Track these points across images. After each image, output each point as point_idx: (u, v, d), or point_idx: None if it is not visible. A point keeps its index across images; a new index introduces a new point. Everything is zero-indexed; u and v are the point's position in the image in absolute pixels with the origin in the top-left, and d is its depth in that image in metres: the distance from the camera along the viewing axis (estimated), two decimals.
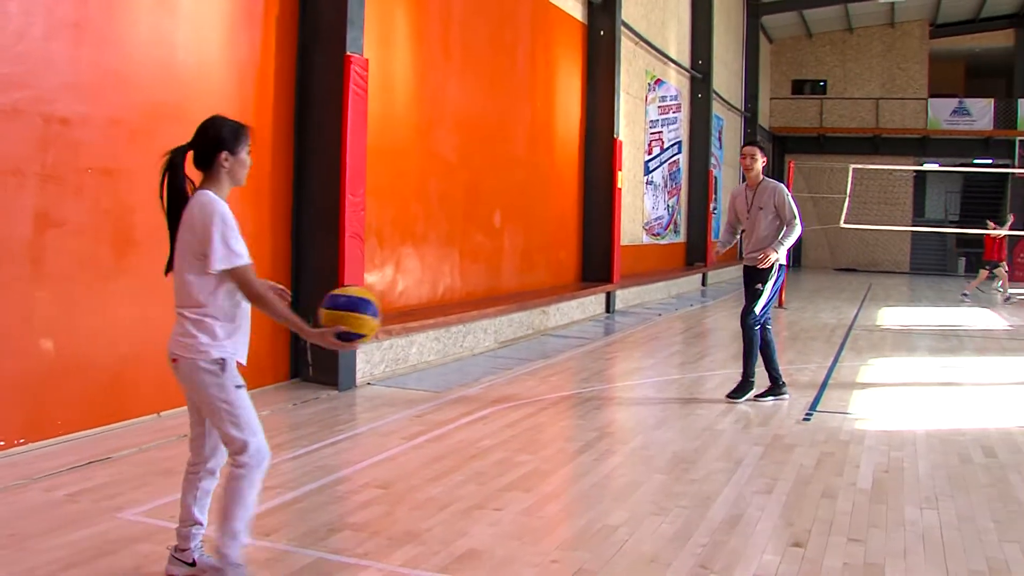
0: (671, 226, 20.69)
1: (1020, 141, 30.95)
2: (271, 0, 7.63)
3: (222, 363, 3.52)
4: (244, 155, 3.58)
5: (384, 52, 9.10)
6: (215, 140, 3.52)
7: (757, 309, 7.70)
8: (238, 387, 3.55)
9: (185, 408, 3.80)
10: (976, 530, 4.65)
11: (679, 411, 7.46)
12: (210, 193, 3.48)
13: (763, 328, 7.80)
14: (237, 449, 3.54)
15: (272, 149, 7.66)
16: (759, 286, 7.67)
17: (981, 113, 31.51)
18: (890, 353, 11.30)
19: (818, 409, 7.62)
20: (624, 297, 15.94)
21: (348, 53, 7.75)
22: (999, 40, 32.91)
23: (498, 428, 6.64)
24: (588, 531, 4.50)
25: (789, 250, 7.83)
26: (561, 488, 5.34)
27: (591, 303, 14.24)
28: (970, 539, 4.51)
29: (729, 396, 7.82)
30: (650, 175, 18.88)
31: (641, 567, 4.04)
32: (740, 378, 7.89)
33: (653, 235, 19.32)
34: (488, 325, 10.62)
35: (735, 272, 25.02)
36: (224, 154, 3.52)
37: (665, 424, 6.98)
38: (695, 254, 22.14)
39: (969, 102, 32.07)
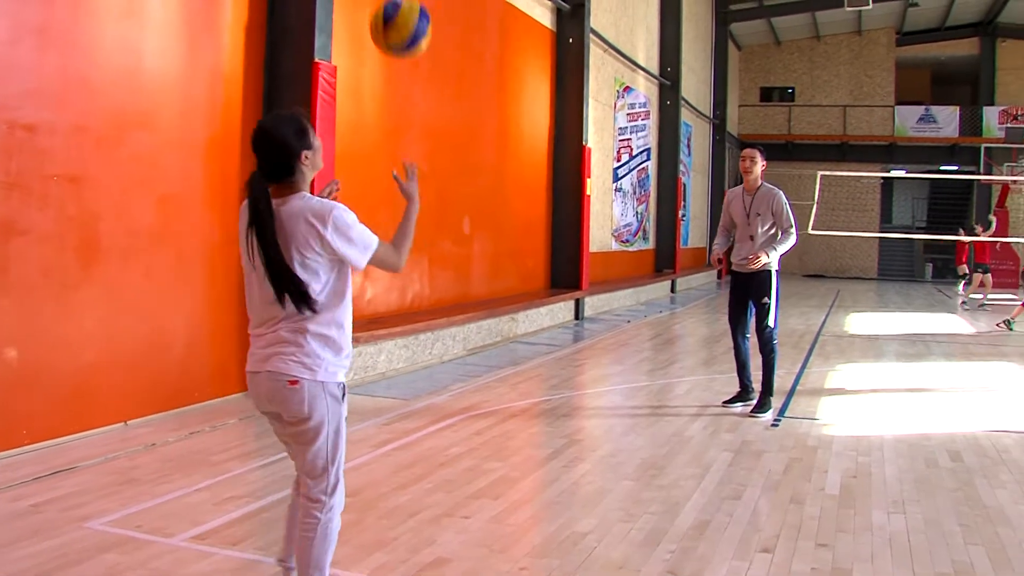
0: (640, 233, 20.76)
1: (985, 148, 31.34)
2: (239, 6, 7.60)
3: (344, 388, 3.28)
4: (318, 142, 3.31)
5: (352, 59, 9.08)
6: (289, 148, 3.22)
7: (771, 322, 7.57)
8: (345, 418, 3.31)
9: (153, 416, 3.69)
10: (942, 534, 4.69)
11: (648, 418, 7.48)
12: (307, 194, 3.24)
13: (743, 337, 7.78)
14: (329, 488, 3.28)
15: (240, 156, 7.61)
16: (766, 300, 7.53)
17: (947, 120, 31.94)
18: (858, 359, 11.40)
19: (786, 415, 7.66)
20: (593, 304, 15.98)
21: (316, 60, 7.73)
22: (964, 48, 33.40)
23: (467, 435, 6.64)
24: (557, 538, 4.50)
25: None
26: (530, 495, 5.34)
27: (560, 310, 14.27)
28: (936, 543, 4.55)
29: (752, 412, 7.56)
30: (619, 182, 18.95)
31: (610, 574, 4.04)
32: (760, 392, 7.70)
33: (622, 242, 19.38)
34: (457, 332, 10.61)
35: (704, 279, 25.18)
36: (305, 154, 3.24)
37: (634, 431, 7.00)
38: (664, 261, 22.22)
39: (935, 109, 32.50)
